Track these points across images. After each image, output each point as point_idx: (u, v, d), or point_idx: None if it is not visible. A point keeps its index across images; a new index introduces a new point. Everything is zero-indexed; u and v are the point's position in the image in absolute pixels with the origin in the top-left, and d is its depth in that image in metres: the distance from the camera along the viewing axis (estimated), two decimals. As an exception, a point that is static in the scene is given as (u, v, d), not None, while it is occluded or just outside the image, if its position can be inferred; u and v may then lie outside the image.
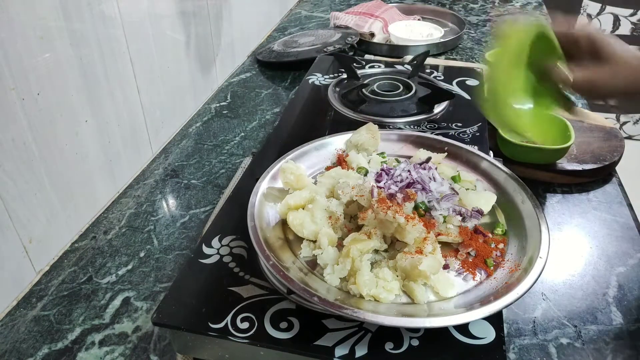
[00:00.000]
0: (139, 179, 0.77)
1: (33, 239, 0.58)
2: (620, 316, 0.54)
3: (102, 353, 0.51)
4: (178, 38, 0.86)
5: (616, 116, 2.28)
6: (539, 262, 0.47)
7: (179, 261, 0.62)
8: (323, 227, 0.51)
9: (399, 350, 0.43)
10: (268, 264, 0.46)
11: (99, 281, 0.59)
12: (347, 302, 0.44)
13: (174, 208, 0.71)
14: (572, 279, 0.58)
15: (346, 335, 0.44)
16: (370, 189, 0.52)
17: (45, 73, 0.57)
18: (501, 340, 0.44)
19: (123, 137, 0.73)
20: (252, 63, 1.13)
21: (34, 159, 0.57)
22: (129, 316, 0.55)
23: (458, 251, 0.51)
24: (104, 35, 0.66)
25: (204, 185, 0.75)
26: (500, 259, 0.50)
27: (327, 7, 1.48)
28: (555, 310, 0.54)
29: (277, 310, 0.46)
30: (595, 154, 0.74)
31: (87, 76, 0.64)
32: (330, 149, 0.65)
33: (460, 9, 1.41)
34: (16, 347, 0.52)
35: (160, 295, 0.57)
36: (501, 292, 0.45)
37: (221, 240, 0.54)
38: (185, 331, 0.45)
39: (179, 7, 0.84)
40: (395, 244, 0.51)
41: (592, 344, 0.51)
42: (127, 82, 0.73)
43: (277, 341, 0.44)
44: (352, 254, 0.47)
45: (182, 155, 0.82)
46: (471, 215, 0.54)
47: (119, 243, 0.65)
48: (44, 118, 0.58)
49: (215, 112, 0.94)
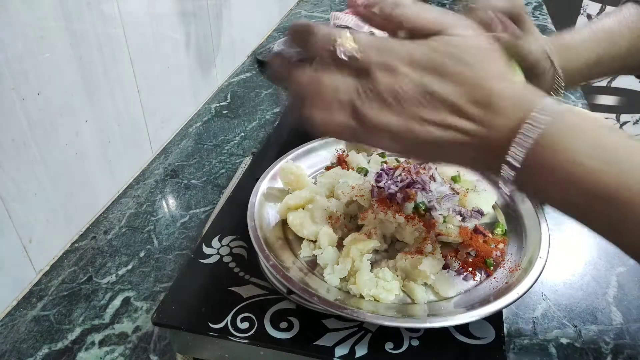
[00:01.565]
0: (139, 179, 0.77)
1: (33, 239, 0.58)
2: (620, 316, 0.54)
3: (102, 353, 0.51)
4: (178, 38, 0.85)
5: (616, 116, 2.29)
6: (539, 262, 0.47)
7: (179, 261, 0.62)
8: (323, 227, 0.51)
9: (399, 350, 0.43)
10: (268, 264, 0.46)
11: (99, 281, 0.59)
12: (347, 302, 0.44)
13: (174, 208, 0.71)
14: (572, 279, 0.58)
15: (346, 335, 0.44)
16: (370, 189, 0.52)
17: (45, 73, 0.57)
18: (501, 340, 0.44)
19: (123, 137, 0.73)
20: (252, 63, 1.13)
21: (34, 159, 0.57)
22: (129, 316, 0.55)
23: (458, 251, 0.51)
24: (104, 35, 0.66)
25: (204, 185, 0.75)
26: (500, 259, 0.50)
27: (327, 7, 1.48)
28: (555, 310, 0.54)
29: (277, 310, 0.46)
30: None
31: (87, 76, 0.64)
32: (330, 149, 0.65)
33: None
34: (16, 347, 0.52)
35: (160, 295, 0.57)
36: (501, 292, 0.45)
37: (221, 240, 0.54)
38: (185, 331, 0.45)
39: (179, 7, 0.84)
40: (395, 244, 0.51)
41: (592, 344, 0.51)
42: (127, 82, 0.73)
43: (277, 341, 0.44)
44: (352, 254, 0.47)
45: (182, 155, 0.82)
46: (471, 215, 0.54)
47: (119, 243, 0.65)
48: (44, 118, 0.58)
49: (215, 112, 0.94)
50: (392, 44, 0.33)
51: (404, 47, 0.33)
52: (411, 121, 0.32)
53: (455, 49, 0.32)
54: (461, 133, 0.32)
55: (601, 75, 0.56)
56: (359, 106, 0.32)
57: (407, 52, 0.32)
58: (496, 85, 0.32)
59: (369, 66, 0.32)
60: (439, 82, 0.32)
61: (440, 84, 0.32)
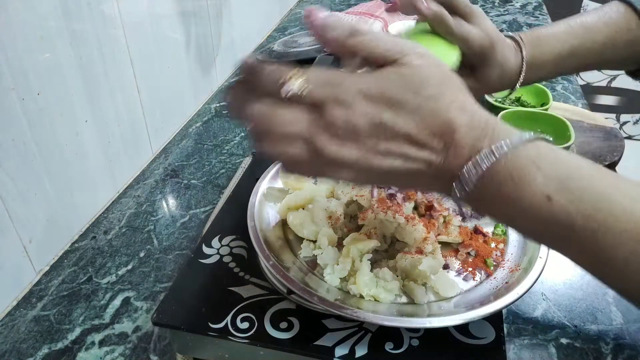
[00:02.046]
0: (139, 179, 0.77)
1: (33, 239, 0.58)
2: (620, 316, 0.54)
3: (102, 353, 0.51)
4: (178, 38, 0.86)
5: (616, 116, 2.29)
6: (539, 262, 0.47)
7: (179, 261, 0.62)
8: (323, 227, 0.51)
9: (399, 350, 0.43)
10: (268, 264, 0.46)
11: (99, 281, 0.59)
12: (347, 302, 0.44)
13: (174, 208, 0.71)
14: (572, 279, 0.58)
15: (346, 335, 0.44)
16: (370, 189, 0.53)
17: (45, 73, 0.57)
18: (501, 340, 0.44)
19: (123, 137, 0.73)
20: (252, 63, 1.13)
21: (34, 159, 0.57)
22: (129, 316, 0.55)
23: (458, 251, 0.51)
24: (104, 35, 0.66)
25: (204, 185, 0.75)
26: (500, 259, 0.50)
27: (327, 7, 1.48)
28: (555, 310, 0.54)
29: (277, 310, 0.46)
30: (595, 154, 0.74)
31: (87, 76, 0.64)
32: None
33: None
34: (16, 347, 0.52)
35: (160, 295, 0.57)
36: (501, 292, 0.45)
37: (221, 240, 0.54)
38: (185, 331, 0.45)
39: (179, 7, 0.84)
40: (395, 244, 0.51)
41: (592, 344, 0.51)
42: (127, 82, 0.73)
43: (277, 341, 0.44)
44: (352, 254, 0.47)
45: (182, 155, 0.82)
46: (471, 215, 0.54)
47: (119, 243, 0.65)
48: (44, 118, 0.58)
49: (215, 112, 0.94)
50: (345, 78, 0.32)
51: (357, 79, 0.32)
52: (368, 153, 0.32)
53: (411, 80, 0.32)
54: (419, 162, 0.33)
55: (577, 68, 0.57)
56: (314, 140, 0.32)
57: (361, 85, 0.32)
58: (454, 116, 0.32)
59: (320, 101, 0.32)
60: (394, 115, 0.32)
61: (396, 116, 0.32)
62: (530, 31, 0.56)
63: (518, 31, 0.58)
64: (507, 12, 1.37)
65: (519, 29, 1.26)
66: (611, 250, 0.30)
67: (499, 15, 1.35)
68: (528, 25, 1.29)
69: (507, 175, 0.31)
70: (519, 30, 1.25)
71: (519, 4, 1.43)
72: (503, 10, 1.39)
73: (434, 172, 0.33)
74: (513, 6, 1.42)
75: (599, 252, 0.31)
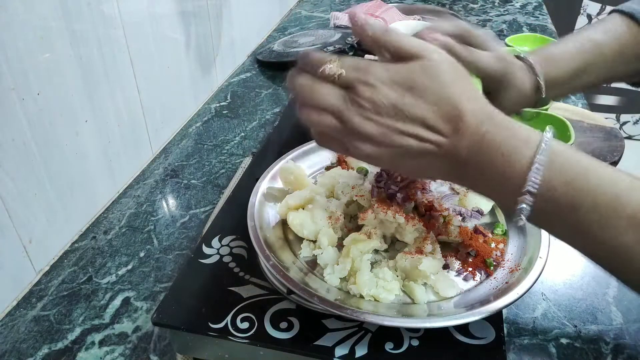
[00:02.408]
0: (139, 179, 0.77)
1: (33, 239, 0.58)
2: (620, 316, 0.54)
3: (102, 353, 0.51)
4: (178, 38, 0.86)
5: (616, 116, 2.29)
6: (539, 262, 0.47)
7: (179, 261, 0.62)
8: (323, 227, 0.51)
9: (399, 350, 0.43)
10: (268, 264, 0.46)
11: (99, 281, 0.59)
12: (347, 302, 0.44)
13: (174, 208, 0.71)
14: (572, 279, 0.58)
15: (346, 335, 0.44)
16: (370, 189, 0.53)
17: (45, 73, 0.57)
18: (501, 340, 0.44)
19: (123, 137, 0.73)
20: (252, 63, 1.13)
21: (34, 159, 0.57)
22: (129, 316, 0.55)
23: (458, 251, 0.51)
24: (104, 35, 0.66)
25: (204, 185, 0.75)
26: (500, 259, 0.50)
27: (327, 7, 1.48)
28: (555, 310, 0.54)
29: (277, 310, 0.46)
30: (595, 154, 0.74)
31: (87, 76, 0.64)
32: (331, 149, 0.65)
33: (460, 9, 1.41)
34: (16, 347, 0.52)
35: (160, 295, 0.57)
36: (501, 292, 0.45)
37: (221, 240, 0.54)
38: (185, 331, 0.45)
39: (179, 7, 0.84)
40: (395, 244, 0.51)
41: (592, 344, 0.51)
42: (127, 82, 0.73)
43: (277, 341, 0.44)
44: (352, 254, 0.47)
45: (182, 155, 0.82)
46: (471, 215, 0.54)
47: (119, 243, 0.65)
48: (44, 118, 0.58)
49: (215, 112, 0.94)
50: (374, 66, 0.38)
51: (385, 67, 0.38)
52: (388, 130, 0.38)
53: (430, 71, 0.37)
54: (431, 144, 0.38)
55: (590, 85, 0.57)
56: (342, 112, 0.38)
57: (387, 72, 0.38)
58: (465, 105, 0.37)
59: (351, 82, 0.38)
60: (413, 100, 0.37)
61: (415, 101, 0.37)
62: (538, 51, 0.55)
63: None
64: (507, 12, 1.38)
65: (519, 29, 1.26)
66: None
67: (499, 15, 1.35)
68: (528, 25, 1.29)
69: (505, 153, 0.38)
70: (519, 31, 1.26)
71: (519, 4, 1.43)
72: (503, 10, 1.39)
73: (444, 153, 0.38)
74: (513, 6, 1.42)
75: None
